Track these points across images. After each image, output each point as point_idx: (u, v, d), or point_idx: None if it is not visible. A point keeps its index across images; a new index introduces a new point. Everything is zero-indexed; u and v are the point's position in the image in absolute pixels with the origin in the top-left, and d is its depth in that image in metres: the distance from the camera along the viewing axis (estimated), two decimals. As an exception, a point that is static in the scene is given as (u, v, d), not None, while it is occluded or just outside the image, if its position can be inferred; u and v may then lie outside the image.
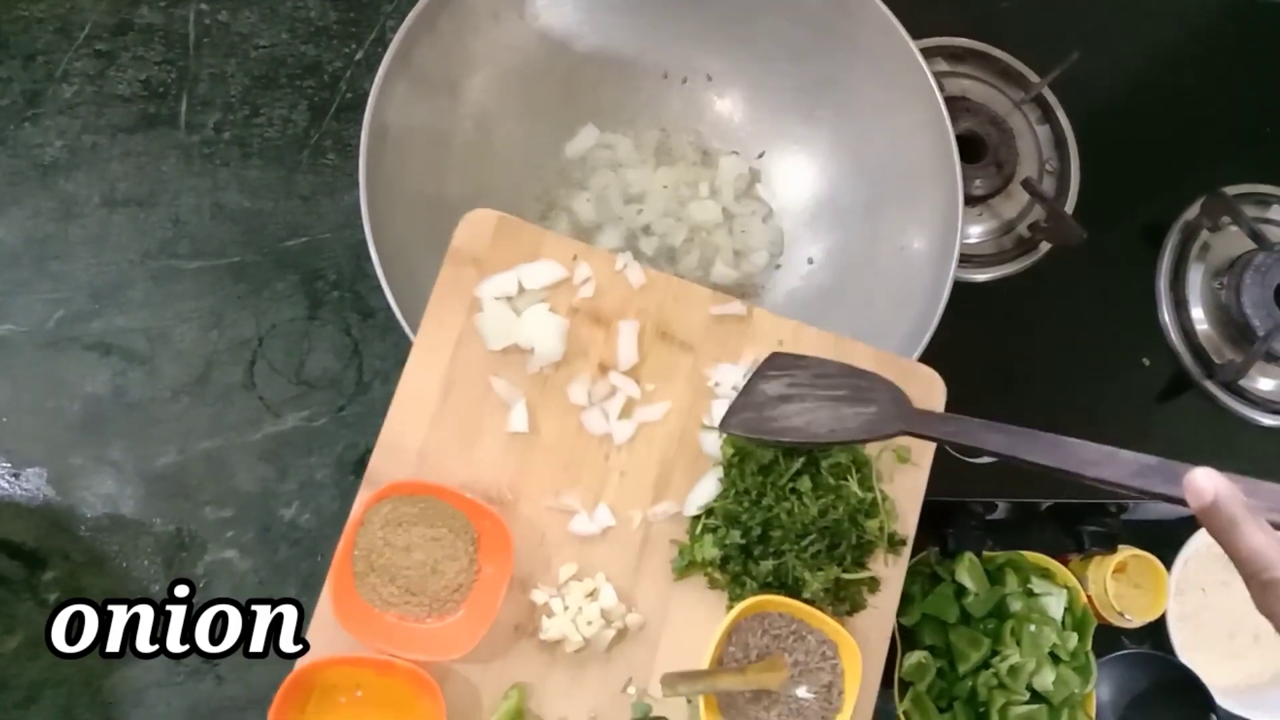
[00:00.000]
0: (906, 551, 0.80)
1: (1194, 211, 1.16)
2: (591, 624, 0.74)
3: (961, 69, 1.18)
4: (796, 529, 0.75)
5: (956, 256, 0.88)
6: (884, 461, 0.81)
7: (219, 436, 1.06)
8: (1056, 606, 1.02)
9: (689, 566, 0.77)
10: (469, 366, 0.78)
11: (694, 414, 0.80)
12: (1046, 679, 0.98)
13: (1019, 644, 0.99)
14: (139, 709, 1.00)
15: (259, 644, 1.01)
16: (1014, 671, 0.97)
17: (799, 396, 0.73)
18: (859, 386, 0.72)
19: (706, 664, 0.73)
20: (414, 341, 0.78)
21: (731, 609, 0.76)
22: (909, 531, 0.80)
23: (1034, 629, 0.99)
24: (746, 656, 0.75)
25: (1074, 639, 1.01)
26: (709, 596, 0.78)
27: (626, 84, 1.04)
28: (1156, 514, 1.11)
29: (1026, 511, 1.11)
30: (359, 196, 0.82)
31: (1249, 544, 0.49)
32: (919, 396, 0.81)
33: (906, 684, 1.00)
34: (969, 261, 1.12)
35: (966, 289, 1.11)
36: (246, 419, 1.06)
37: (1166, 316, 1.14)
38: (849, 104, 0.99)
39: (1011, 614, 1.00)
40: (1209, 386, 1.12)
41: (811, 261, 1.04)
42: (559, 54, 1.00)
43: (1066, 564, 1.08)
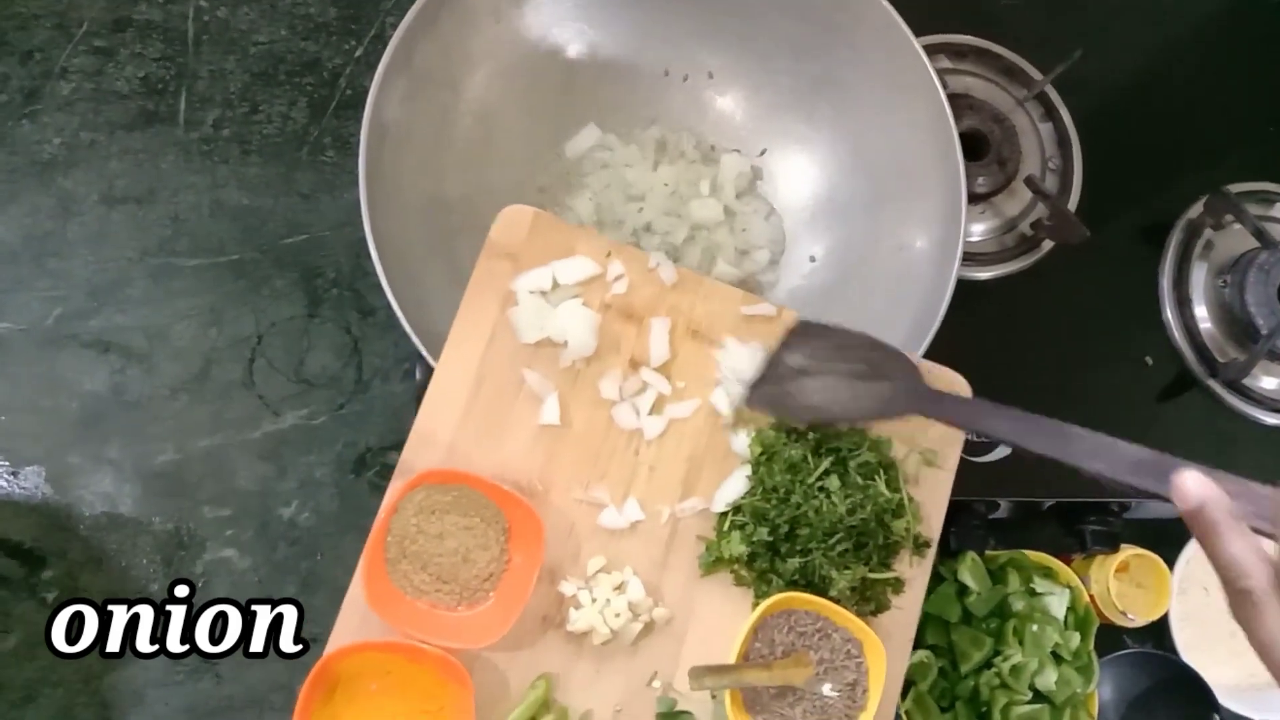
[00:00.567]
0: (931, 553, 0.80)
1: (1197, 209, 1.15)
2: (619, 616, 0.74)
3: (964, 66, 1.18)
4: (824, 527, 0.76)
5: (959, 254, 0.88)
6: (911, 464, 0.81)
7: (218, 435, 1.05)
8: (1059, 606, 1.02)
9: (716, 563, 0.77)
10: (502, 359, 0.79)
11: (722, 412, 0.81)
12: (1049, 678, 0.98)
13: (1021, 643, 0.99)
14: (138, 709, 0.99)
15: (259, 644, 1.01)
16: (1016, 671, 0.97)
17: (819, 371, 0.74)
18: (875, 361, 0.73)
19: (732, 660, 0.73)
20: (450, 332, 0.79)
21: (758, 606, 0.76)
22: (934, 534, 0.80)
23: (1036, 628, 0.99)
24: (772, 653, 0.75)
25: (1076, 638, 1.01)
26: (735, 593, 0.78)
27: (627, 82, 1.04)
28: (1159, 513, 1.11)
29: (1029, 510, 1.10)
30: (359, 194, 0.81)
31: (1229, 551, 0.50)
32: None
33: (908, 683, 0.99)
34: (971, 259, 1.11)
35: (969, 287, 1.10)
36: (245, 417, 1.06)
37: (1169, 315, 1.13)
38: (851, 101, 0.99)
39: (1014, 613, 1.00)
40: (1212, 385, 1.11)
41: (814, 260, 1.04)
42: (559, 52, 1.00)
43: (1069, 563, 1.08)
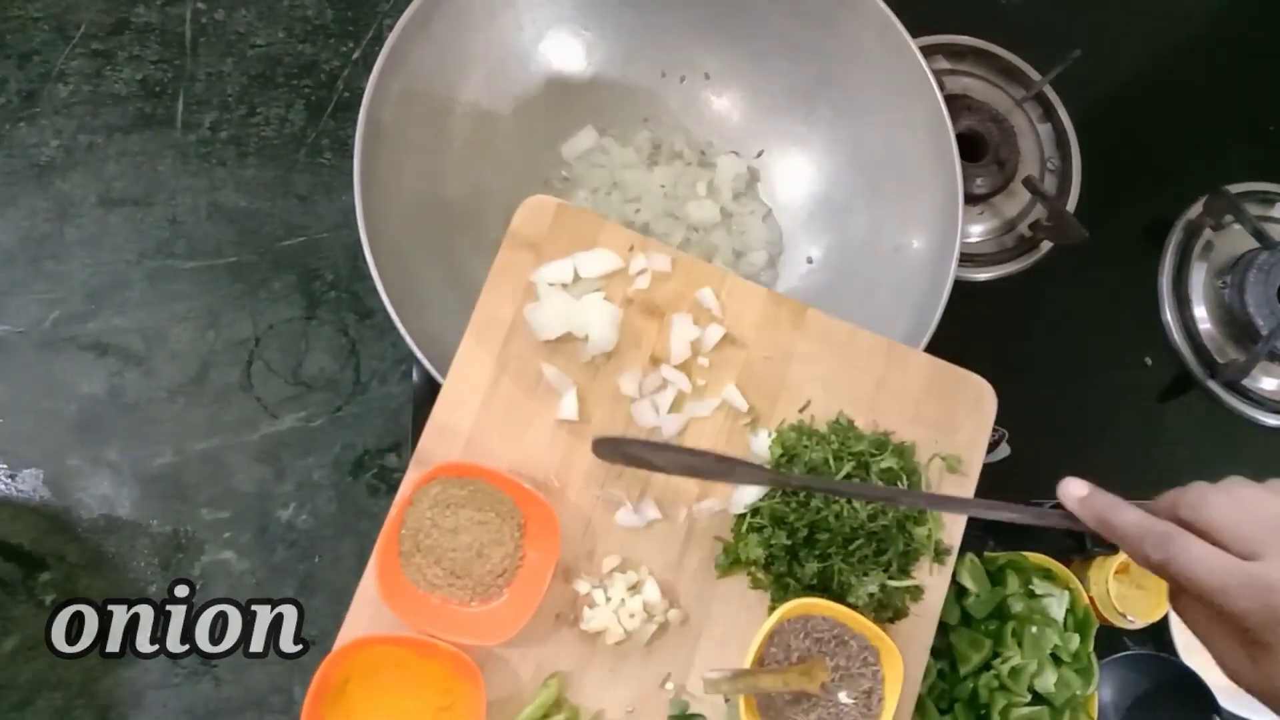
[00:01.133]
0: (951, 561, 0.79)
1: (1197, 210, 1.15)
2: (633, 617, 0.74)
3: (962, 67, 1.18)
4: (844, 533, 0.74)
5: (957, 255, 0.88)
6: (933, 470, 0.80)
7: (216, 437, 1.05)
8: (1058, 608, 1.01)
9: (733, 565, 0.77)
10: (521, 352, 0.78)
11: (743, 412, 0.80)
12: (1048, 680, 0.97)
13: (1020, 645, 0.98)
14: (136, 710, 0.99)
15: (259, 644, 1.01)
16: (1015, 673, 0.97)
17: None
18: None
19: (748, 664, 0.72)
20: (469, 323, 0.78)
21: (774, 610, 0.75)
22: (955, 541, 0.79)
23: (1035, 630, 0.98)
24: (788, 658, 0.74)
25: (1076, 640, 1.00)
26: (751, 596, 0.77)
27: (623, 83, 1.04)
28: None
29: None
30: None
31: (1126, 519, 0.56)
32: (969, 403, 0.81)
33: (907, 685, 0.99)
34: (970, 260, 1.11)
35: (968, 288, 1.10)
36: (243, 419, 1.06)
37: (1169, 315, 1.13)
38: (848, 102, 0.99)
39: (1013, 615, 1.00)
40: (1212, 386, 1.11)
41: (811, 261, 1.04)
42: (556, 53, 1.00)
43: (1068, 565, 1.07)
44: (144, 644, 1.00)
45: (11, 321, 1.05)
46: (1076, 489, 0.59)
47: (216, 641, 1.01)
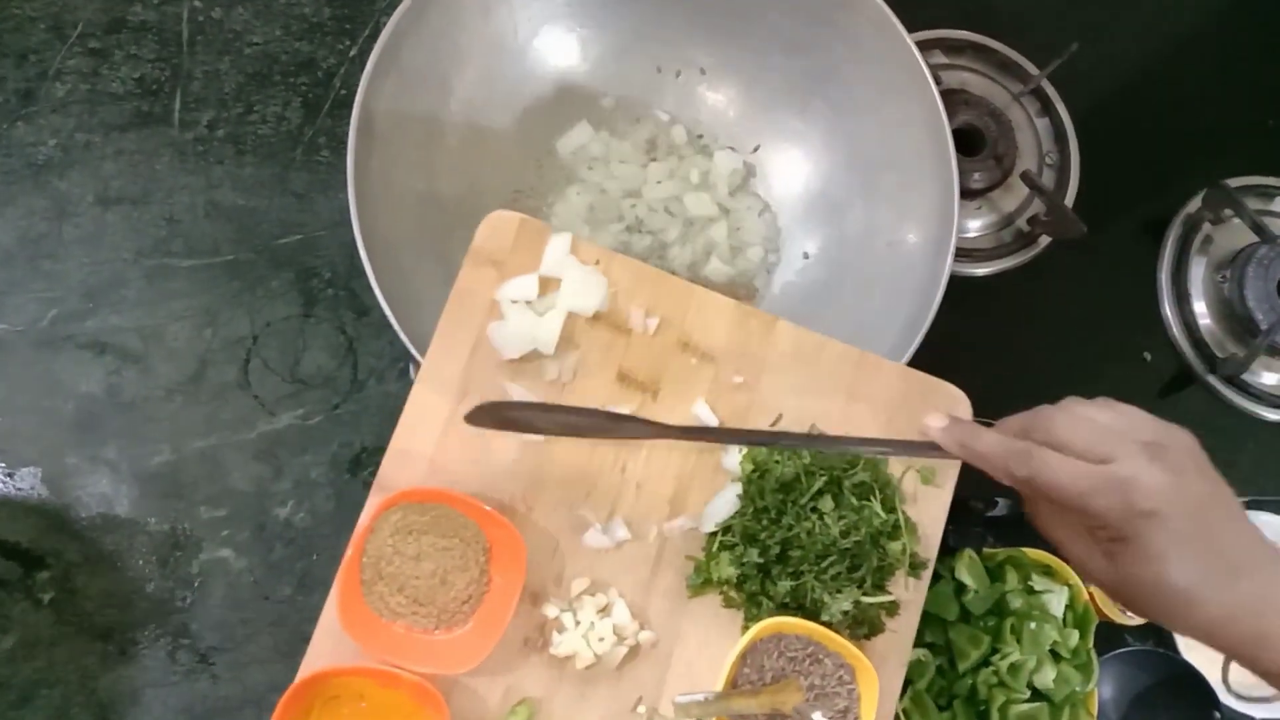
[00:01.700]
0: (928, 574, 0.77)
1: (1196, 204, 1.15)
2: (603, 640, 0.73)
3: (960, 62, 1.17)
4: (817, 549, 0.73)
5: (952, 249, 0.88)
6: (908, 482, 0.78)
7: (213, 435, 1.05)
8: (1057, 604, 1.01)
9: (704, 584, 0.75)
10: (484, 371, 0.77)
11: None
12: (1047, 677, 0.97)
13: (1019, 641, 0.98)
14: (135, 708, 0.99)
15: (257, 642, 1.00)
16: (1014, 669, 0.96)
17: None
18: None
19: (720, 685, 0.71)
20: (430, 344, 0.77)
21: (747, 629, 0.74)
22: (931, 554, 0.78)
23: (1034, 626, 0.98)
24: (761, 679, 0.73)
25: (1075, 636, 1.00)
26: (723, 615, 0.75)
27: (619, 79, 1.04)
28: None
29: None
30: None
31: (985, 442, 0.59)
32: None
33: (906, 682, 0.99)
34: (968, 256, 1.11)
35: (966, 283, 1.10)
36: (241, 418, 1.06)
37: (1168, 310, 1.13)
38: (843, 96, 0.98)
39: (1012, 611, 0.99)
40: (1212, 381, 1.11)
41: (807, 256, 1.04)
42: (550, 49, 1.00)
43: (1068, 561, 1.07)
44: (142, 642, 1.01)
45: (9, 320, 1.05)
46: (937, 421, 0.62)
47: (214, 639, 1.02)
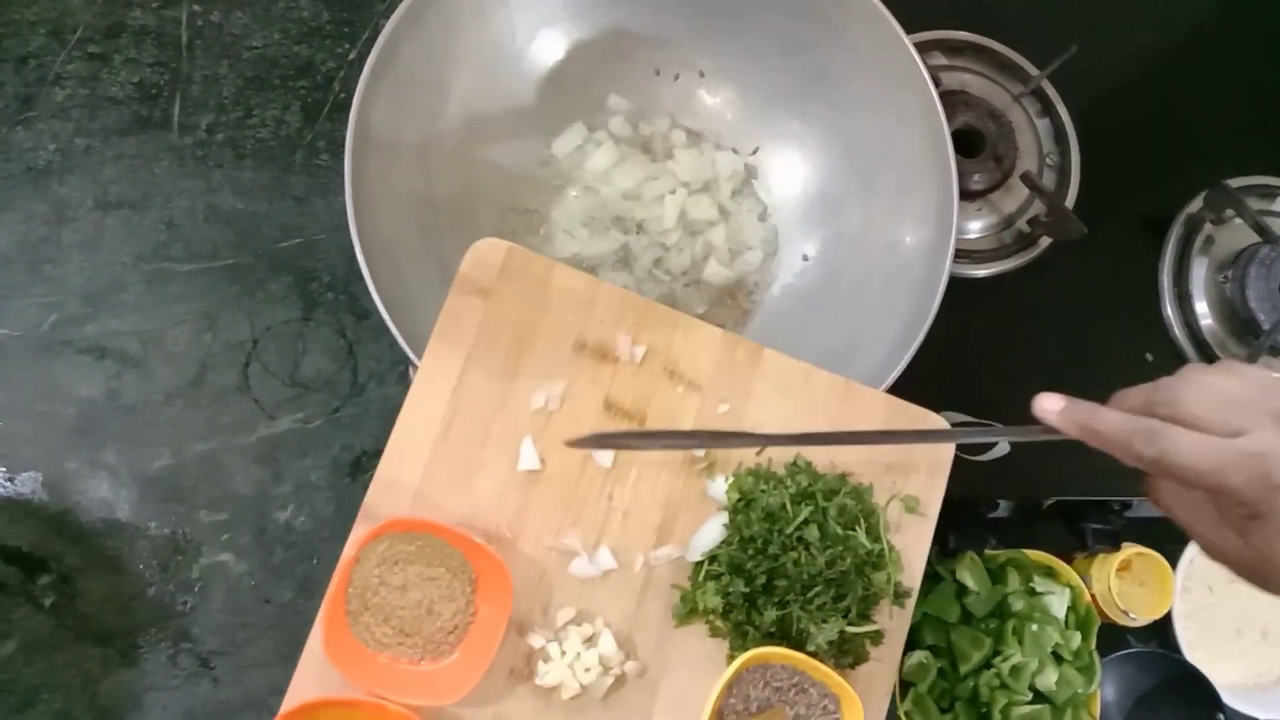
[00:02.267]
0: (911, 603, 0.77)
1: (1197, 204, 1.14)
2: (589, 671, 0.72)
3: (959, 62, 1.17)
4: (802, 579, 0.73)
5: (952, 251, 0.87)
6: (892, 511, 0.78)
7: (213, 439, 1.05)
8: (1059, 605, 1.01)
9: (690, 614, 0.75)
10: (471, 400, 0.77)
11: (699, 457, 0.78)
12: (1049, 679, 0.97)
13: (1021, 643, 0.98)
14: (136, 712, 0.99)
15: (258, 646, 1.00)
16: (1016, 671, 0.96)
17: None
18: None
19: (706, 716, 0.71)
20: (415, 373, 0.77)
21: (733, 659, 0.73)
22: (915, 582, 0.78)
23: (1036, 628, 0.98)
24: (747, 709, 0.73)
25: (1077, 638, 1.00)
26: (709, 644, 0.75)
27: (617, 81, 1.03)
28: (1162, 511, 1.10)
29: (1029, 509, 1.09)
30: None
31: (1110, 422, 0.57)
32: (925, 444, 0.80)
33: (908, 684, 0.99)
34: (968, 257, 1.11)
35: (966, 285, 1.09)
36: (241, 421, 1.06)
37: (1170, 311, 1.12)
38: (842, 97, 0.98)
39: (1013, 613, 0.99)
40: (1214, 382, 1.10)
41: (806, 258, 1.03)
42: (547, 51, 0.99)
43: (1070, 562, 1.07)
44: (143, 645, 1.01)
45: (9, 325, 1.06)
46: (1053, 403, 0.61)
47: (215, 643, 1.02)
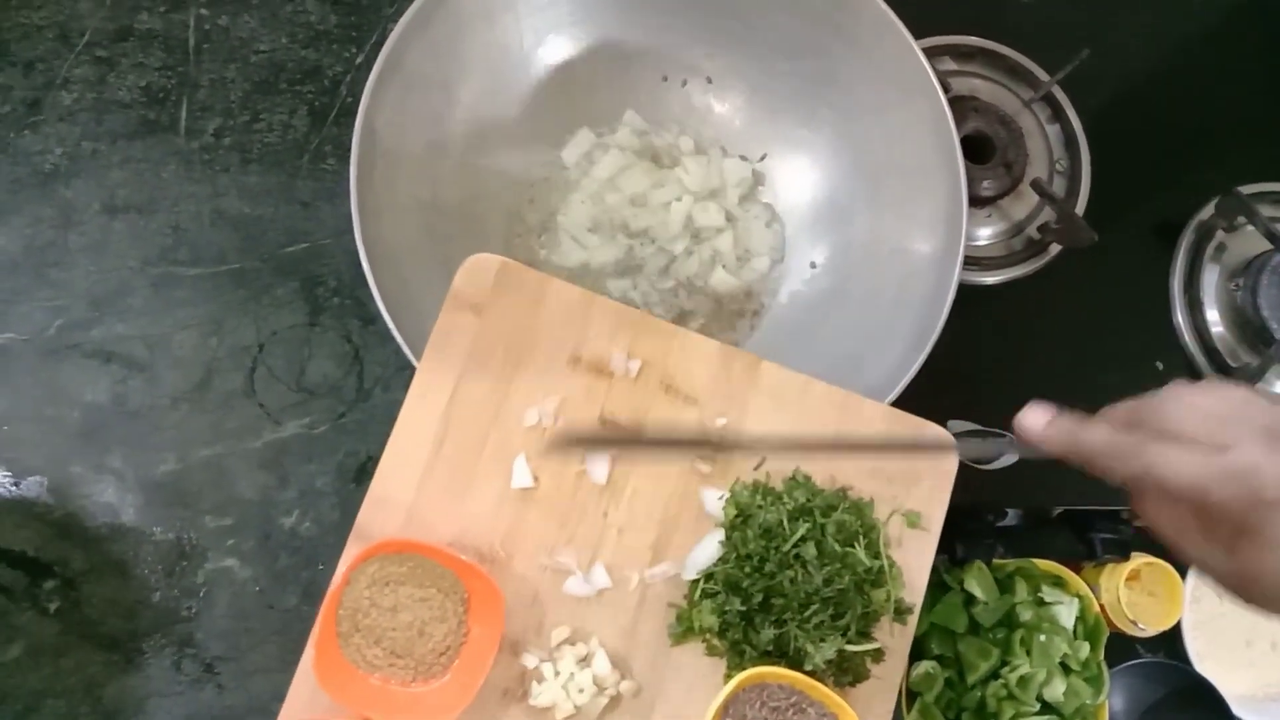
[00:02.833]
0: (913, 620, 0.76)
1: (1209, 211, 1.14)
2: (583, 691, 0.72)
3: (969, 68, 1.16)
4: (799, 598, 0.72)
5: (961, 258, 0.87)
6: (893, 526, 0.78)
7: (219, 444, 1.05)
8: (1068, 615, 1.00)
9: (686, 633, 0.74)
10: (464, 417, 0.76)
11: (696, 471, 0.78)
12: (1057, 689, 0.96)
13: (1029, 654, 0.97)
14: (139, 718, 0.99)
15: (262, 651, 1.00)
16: (1024, 682, 0.96)
17: None
18: None
19: None
20: (408, 391, 0.76)
21: (730, 678, 0.73)
22: (917, 599, 0.77)
23: (1044, 638, 0.97)
24: None
25: (1085, 649, 0.99)
26: (706, 664, 0.74)
27: (624, 86, 1.03)
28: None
29: (1037, 518, 1.09)
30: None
31: (1095, 437, 0.56)
32: (928, 456, 0.79)
33: (914, 694, 0.98)
34: (978, 264, 1.10)
35: (975, 291, 1.09)
36: (246, 426, 1.06)
37: (1181, 319, 1.12)
38: (850, 104, 0.98)
39: (1021, 623, 0.99)
40: (1224, 390, 1.09)
41: (814, 266, 1.03)
42: (555, 57, 0.99)
43: (1078, 572, 1.06)
44: (148, 651, 1.00)
45: (16, 329, 1.06)
46: (1040, 415, 0.59)
47: (219, 649, 1.01)
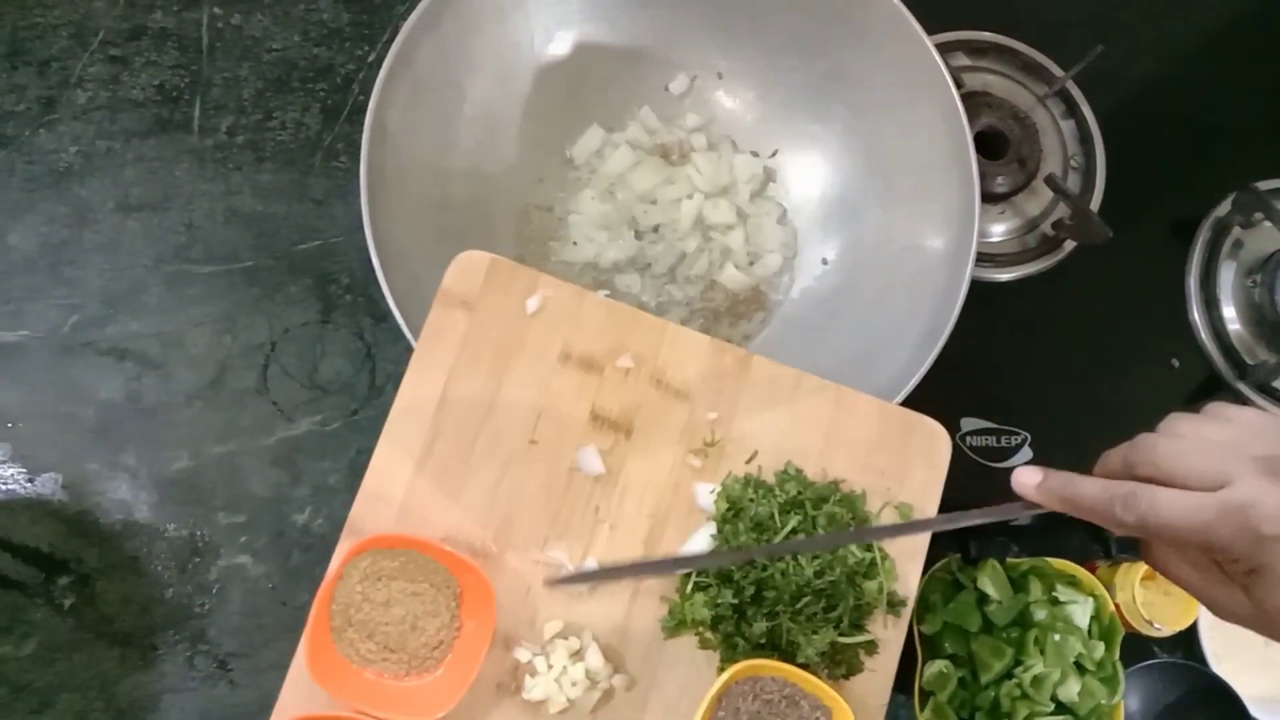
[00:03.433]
0: (907, 612, 0.77)
1: (1225, 207, 1.13)
2: (576, 685, 0.72)
3: (983, 63, 1.16)
4: (791, 590, 0.72)
5: (973, 254, 0.86)
6: (886, 518, 0.78)
7: (232, 441, 1.05)
8: (1082, 615, 0.99)
9: (679, 626, 0.74)
10: (455, 414, 0.77)
11: (688, 465, 0.78)
12: (1072, 690, 0.95)
13: (1043, 654, 0.96)
14: (153, 714, 1.00)
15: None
16: (1038, 682, 0.95)
17: None
18: None
19: None
20: (400, 387, 0.77)
21: (723, 671, 0.73)
22: (910, 591, 0.77)
23: (1059, 638, 0.97)
24: None
25: (1101, 648, 0.98)
26: (699, 656, 0.75)
27: (634, 83, 1.03)
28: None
29: (1052, 517, 1.07)
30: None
31: (1089, 491, 0.55)
32: (922, 449, 0.79)
33: (927, 694, 0.98)
34: (991, 261, 1.09)
35: (989, 288, 1.08)
36: (259, 424, 1.06)
37: (1197, 316, 1.11)
38: (862, 99, 0.97)
39: (1035, 623, 0.98)
40: (1242, 388, 1.09)
41: (826, 262, 1.02)
42: (564, 53, 0.99)
43: (1093, 571, 1.05)
44: (161, 647, 1.01)
45: (31, 327, 1.06)
46: (1030, 477, 0.59)
47: (232, 645, 1.02)
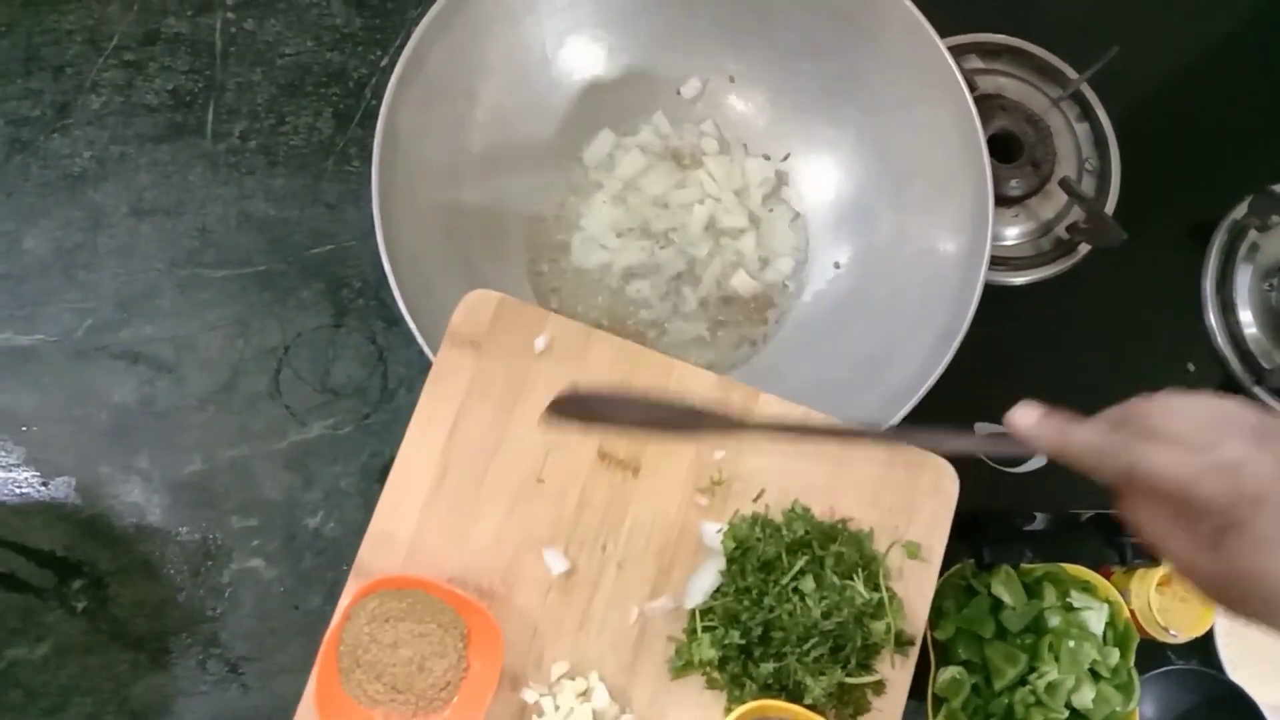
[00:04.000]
0: (915, 651, 0.77)
1: (1241, 210, 1.12)
2: None
3: (997, 66, 1.15)
4: (798, 631, 0.72)
5: (987, 258, 0.86)
6: (894, 557, 0.78)
7: (244, 445, 1.06)
8: (1097, 621, 0.99)
9: (686, 666, 0.75)
10: (464, 453, 0.77)
11: (695, 504, 0.78)
12: (1086, 697, 0.95)
13: (1057, 660, 0.96)
14: (165, 717, 1.00)
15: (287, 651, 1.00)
16: (1052, 688, 0.94)
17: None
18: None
19: None
20: (409, 426, 0.77)
21: (730, 711, 0.73)
22: (918, 630, 0.77)
23: (1073, 644, 0.96)
24: None
25: (1115, 655, 0.98)
26: (707, 697, 0.75)
27: (646, 87, 1.03)
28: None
29: (1066, 522, 1.07)
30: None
31: (1082, 434, 0.56)
32: (927, 488, 0.79)
33: (940, 700, 0.97)
34: (1005, 264, 1.09)
35: (1003, 292, 1.08)
36: (272, 427, 1.06)
37: (1213, 320, 1.10)
38: (874, 102, 0.97)
39: (1050, 629, 0.97)
40: (1258, 393, 1.08)
41: (838, 266, 1.02)
42: (576, 58, 0.99)
43: (1108, 577, 1.05)
44: (174, 650, 1.01)
45: (45, 330, 1.07)
46: (1030, 412, 0.59)
47: (244, 649, 1.02)
